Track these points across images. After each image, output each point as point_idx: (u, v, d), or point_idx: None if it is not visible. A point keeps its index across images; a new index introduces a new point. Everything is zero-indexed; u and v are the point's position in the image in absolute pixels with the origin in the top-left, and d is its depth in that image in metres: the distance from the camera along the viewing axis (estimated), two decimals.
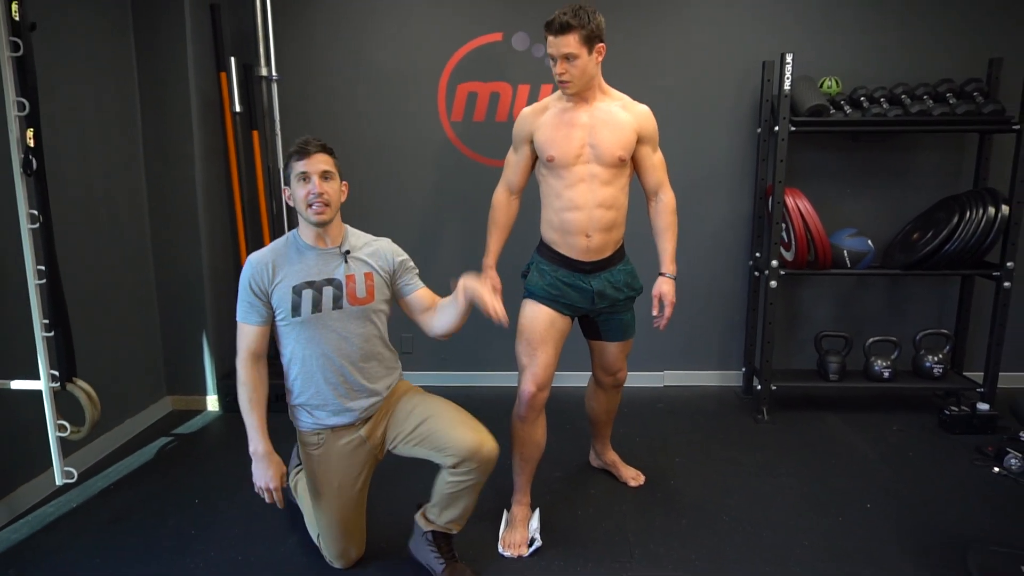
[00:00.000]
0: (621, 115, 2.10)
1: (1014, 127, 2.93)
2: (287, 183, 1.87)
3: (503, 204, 2.25)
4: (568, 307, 2.18)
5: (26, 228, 2.10)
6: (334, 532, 1.96)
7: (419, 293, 2.00)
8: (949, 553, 2.09)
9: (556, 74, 2.01)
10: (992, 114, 2.95)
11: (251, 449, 1.84)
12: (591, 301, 2.18)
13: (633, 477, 2.55)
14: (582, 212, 2.10)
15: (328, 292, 1.86)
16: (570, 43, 1.95)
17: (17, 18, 2.04)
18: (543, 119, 2.12)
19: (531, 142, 2.15)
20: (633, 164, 2.19)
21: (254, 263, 1.86)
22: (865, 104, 3.06)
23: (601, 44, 2.02)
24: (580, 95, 2.07)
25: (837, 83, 3.16)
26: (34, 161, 2.11)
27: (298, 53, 3.37)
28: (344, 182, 1.91)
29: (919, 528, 2.24)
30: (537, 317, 2.15)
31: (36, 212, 2.13)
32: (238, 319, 1.87)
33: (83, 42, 2.73)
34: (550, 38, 1.98)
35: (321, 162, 1.82)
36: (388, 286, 1.95)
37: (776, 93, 2.99)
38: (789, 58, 2.89)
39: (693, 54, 3.33)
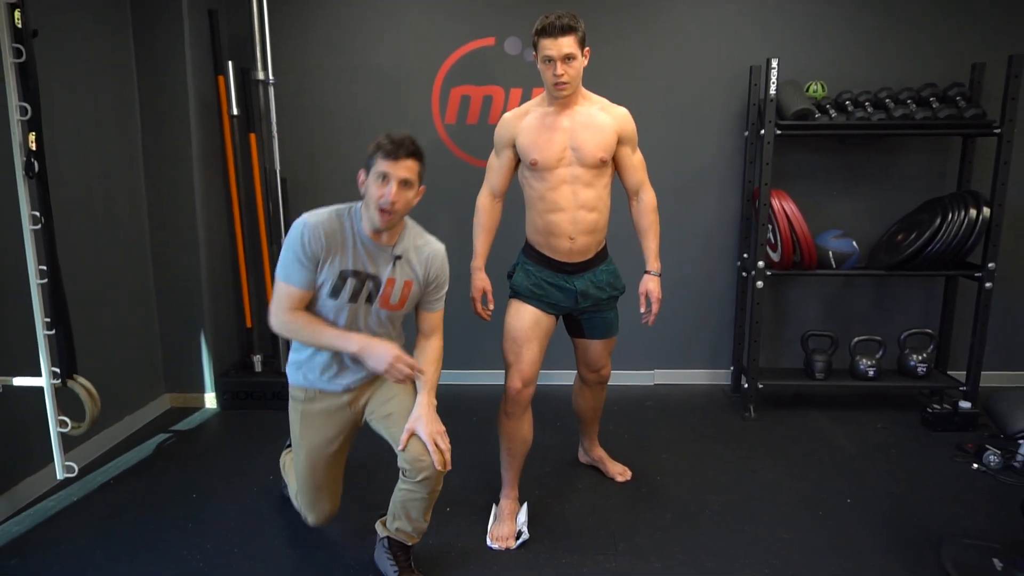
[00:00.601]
0: (601, 117, 2.15)
1: (995, 131, 2.99)
2: (365, 166, 1.82)
3: (487, 207, 2.29)
4: (552, 306, 2.24)
5: (28, 229, 2.16)
6: (308, 484, 2.01)
7: (434, 315, 2.00)
8: (924, 546, 2.15)
9: (555, 76, 2.04)
10: (974, 118, 3.01)
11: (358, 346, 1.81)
12: (574, 301, 2.24)
13: (620, 473, 2.61)
14: (565, 214, 2.15)
15: (368, 285, 1.86)
16: (571, 44, 2.01)
17: (20, 25, 2.10)
18: (525, 123, 2.17)
19: (513, 146, 2.20)
20: (614, 165, 2.24)
21: (312, 227, 1.79)
22: (850, 108, 3.12)
23: (587, 48, 2.10)
24: (566, 99, 2.13)
25: (823, 87, 3.22)
26: (36, 164, 2.17)
27: (295, 57, 3.43)
28: (422, 186, 1.86)
29: (897, 522, 2.30)
30: (522, 316, 2.22)
31: (38, 213, 2.19)
32: (280, 278, 1.82)
33: (83, 46, 2.79)
34: (548, 41, 2.02)
35: (405, 169, 1.77)
36: (420, 296, 1.96)
37: (763, 97, 3.05)
38: (775, 63, 2.95)
39: (683, 58, 3.40)
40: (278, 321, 1.84)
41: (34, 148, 2.17)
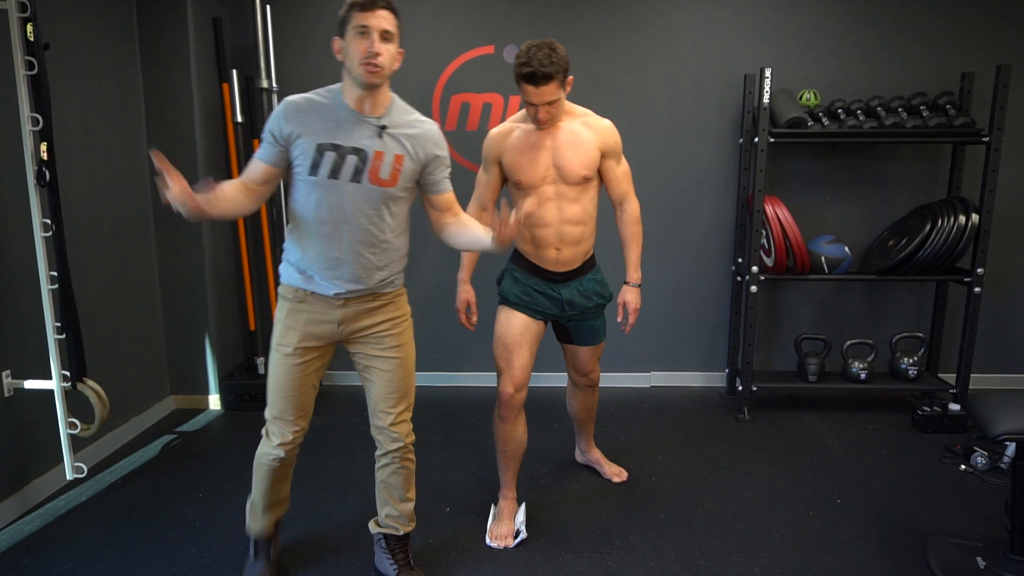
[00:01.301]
0: (583, 134, 2.17)
1: (984, 139, 3.06)
2: (341, 35, 1.71)
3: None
4: (540, 312, 2.29)
5: (39, 236, 2.23)
6: (280, 391, 1.86)
7: (444, 197, 1.90)
8: (911, 545, 2.21)
9: (538, 119, 2.08)
10: (963, 127, 3.07)
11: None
12: (561, 308, 2.29)
13: (616, 474, 2.67)
14: (551, 228, 2.20)
15: (351, 161, 1.72)
16: (553, 90, 2.02)
17: (32, 38, 2.16)
18: (509, 142, 2.20)
19: (499, 164, 2.24)
20: (599, 176, 2.26)
21: (289, 105, 1.73)
22: (842, 116, 3.18)
23: (570, 77, 2.11)
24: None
25: (816, 95, 3.29)
26: (47, 173, 2.23)
27: (297, 65, 3.50)
28: (401, 50, 1.75)
29: (885, 522, 2.36)
30: (512, 323, 2.26)
31: (49, 221, 2.25)
32: (255, 155, 1.78)
33: (91, 57, 2.85)
34: (530, 88, 2.02)
35: (384, 20, 1.67)
36: (416, 175, 1.82)
37: (756, 105, 3.11)
38: (768, 72, 3.01)
39: (678, 66, 3.46)
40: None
41: (45, 158, 2.23)
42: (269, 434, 1.92)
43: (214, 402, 3.45)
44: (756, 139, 3.11)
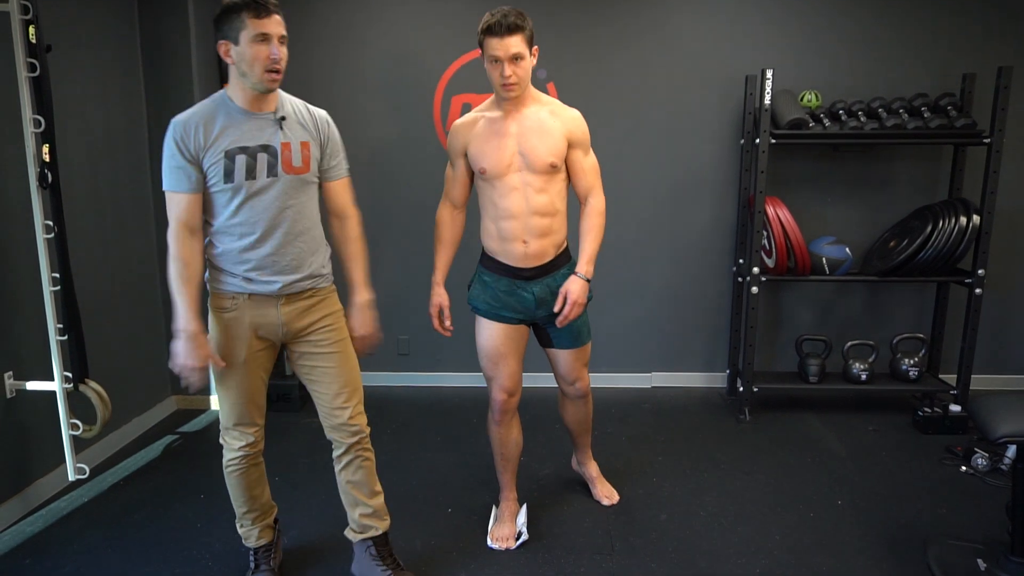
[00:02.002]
0: (550, 122, 2.08)
1: (985, 140, 3.06)
2: (227, 37, 1.68)
3: (447, 220, 2.24)
4: (512, 317, 2.19)
5: (42, 238, 2.23)
6: (233, 401, 1.88)
7: (338, 184, 1.92)
8: (912, 547, 2.22)
9: (503, 77, 1.97)
10: (964, 128, 3.07)
11: (179, 326, 1.73)
12: (532, 309, 2.18)
13: (607, 496, 2.52)
14: (517, 220, 2.10)
15: (263, 159, 1.75)
16: (519, 43, 1.94)
17: (34, 40, 2.16)
18: (475, 131, 2.11)
19: (465, 156, 2.15)
20: (566, 170, 2.17)
21: (181, 123, 1.72)
22: (844, 117, 3.18)
23: (535, 47, 2.04)
24: (514, 101, 2.06)
25: (817, 96, 3.29)
26: (49, 175, 2.24)
27: (298, 68, 3.48)
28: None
29: (885, 523, 2.37)
30: (491, 335, 2.19)
31: (51, 223, 2.26)
32: (165, 188, 1.74)
33: (93, 58, 2.85)
34: (494, 41, 1.94)
35: (279, 24, 1.70)
36: (319, 159, 1.86)
37: (758, 106, 3.11)
38: (769, 73, 3.01)
39: (680, 67, 3.46)
40: (170, 238, 1.74)
41: (47, 159, 2.24)
42: (227, 441, 1.93)
43: (215, 402, 3.46)
44: (757, 140, 3.11)
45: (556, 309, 2.12)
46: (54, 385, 2.32)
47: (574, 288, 2.11)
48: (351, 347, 1.96)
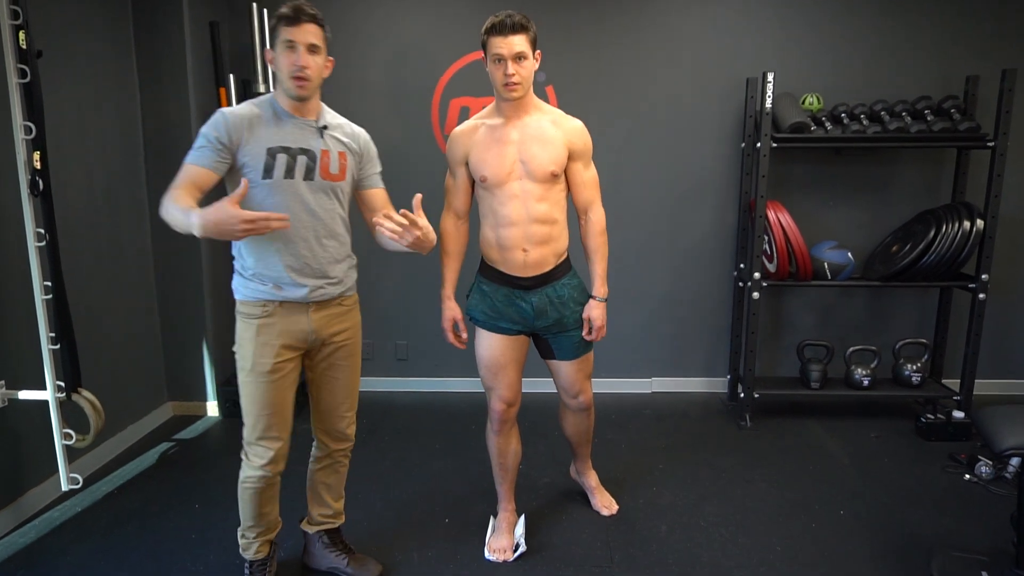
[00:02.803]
0: (551, 131, 2.07)
1: (989, 144, 3.02)
2: (271, 44, 1.80)
3: (451, 232, 2.20)
4: (510, 328, 2.17)
5: (33, 246, 2.20)
6: (259, 413, 1.84)
7: (376, 192, 1.99)
8: (915, 557, 2.19)
9: (506, 76, 1.95)
10: (968, 131, 3.04)
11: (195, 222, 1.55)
12: (532, 320, 2.15)
13: (606, 506, 2.50)
14: (517, 228, 2.08)
15: (302, 161, 1.80)
16: (522, 42, 1.94)
17: (24, 46, 2.13)
18: (475, 139, 2.09)
19: (466, 164, 2.12)
20: (565, 180, 2.15)
21: (230, 116, 1.76)
22: (846, 120, 3.15)
23: (539, 51, 2.04)
24: (515, 107, 2.05)
25: (819, 100, 3.25)
26: (40, 182, 2.20)
27: None
28: (330, 58, 1.86)
29: (888, 533, 2.34)
30: (490, 346, 2.17)
31: (43, 231, 2.23)
32: (188, 160, 1.74)
33: (85, 62, 2.81)
34: (498, 40, 1.94)
35: (310, 34, 1.74)
36: (355, 170, 1.93)
37: (759, 110, 3.08)
38: (770, 77, 2.98)
39: (680, 70, 3.43)
40: (169, 195, 1.69)
41: (38, 167, 2.20)
42: (249, 457, 1.89)
43: (212, 408, 3.43)
44: (758, 144, 3.08)
45: (584, 333, 2.21)
46: (47, 394, 2.29)
47: (596, 313, 2.19)
48: (359, 359, 2.04)
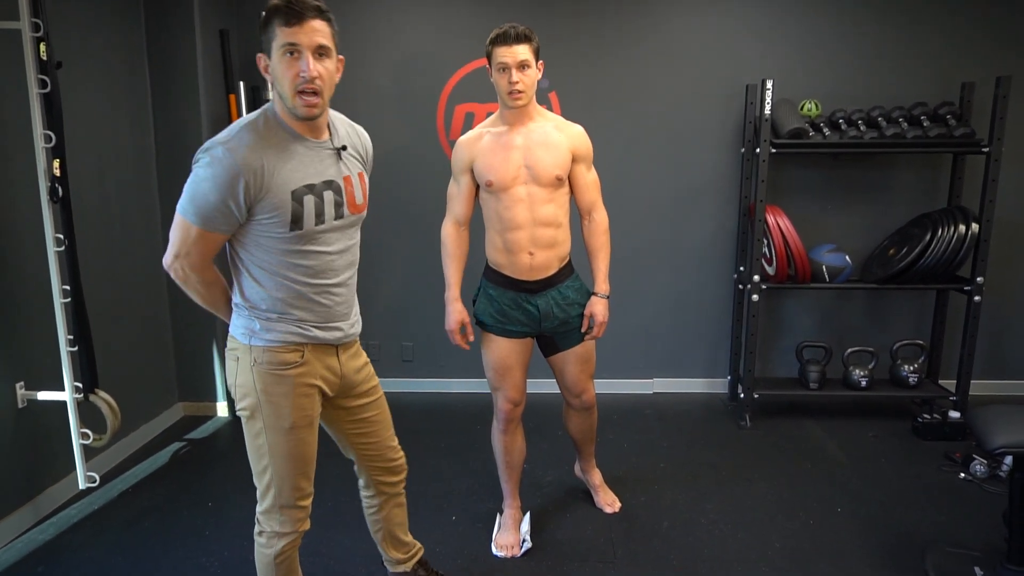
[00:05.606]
0: (555, 136, 2.14)
1: (984, 149, 3.08)
2: (263, 49, 1.41)
3: (453, 237, 2.24)
4: (518, 331, 2.23)
5: (52, 251, 2.27)
6: (289, 474, 1.59)
7: None
8: (910, 554, 2.25)
9: (510, 83, 2.03)
10: (963, 137, 3.10)
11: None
12: (538, 323, 2.21)
13: (609, 504, 2.55)
14: (523, 231, 2.14)
15: (329, 198, 1.49)
16: (526, 51, 2.02)
17: (45, 57, 2.20)
18: (480, 146, 2.15)
19: (471, 171, 2.18)
20: (568, 184, 2.22)
21: (246, 164, 1.37)
22: (843, 126, 3.21)
23: (541, 61, 2.11)
24: (519, 114, 2.11)
25: (817, 106, 3.31)
26: (60, 189, 2.27)
27: None
28: (340, 57, 1.49)
29: (883, 530, 2.40)
30: (497, 348, 2.23)
31: (62, 236, 2.30)
32: (196, 220, 1.42)
33: (100, 71, 2.88)
34: (503, 49, 2.02)
35: (317, 33, 1.37)
36: None
37: (758, 116, 3.14)
38: (769, 84, 3.04)
39: (681, 76, 3.49)
40: (189, 277, 1.53)
41: (58, 174, 2.27)
42: (271, 528, 1.61)
43: (222, 409, 3.49)
44: (758, 149, 3.14)
45: (583, 330, 2.26)
46: (65, 395, 2.35)
47: (599, 309, 2.25)
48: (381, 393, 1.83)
